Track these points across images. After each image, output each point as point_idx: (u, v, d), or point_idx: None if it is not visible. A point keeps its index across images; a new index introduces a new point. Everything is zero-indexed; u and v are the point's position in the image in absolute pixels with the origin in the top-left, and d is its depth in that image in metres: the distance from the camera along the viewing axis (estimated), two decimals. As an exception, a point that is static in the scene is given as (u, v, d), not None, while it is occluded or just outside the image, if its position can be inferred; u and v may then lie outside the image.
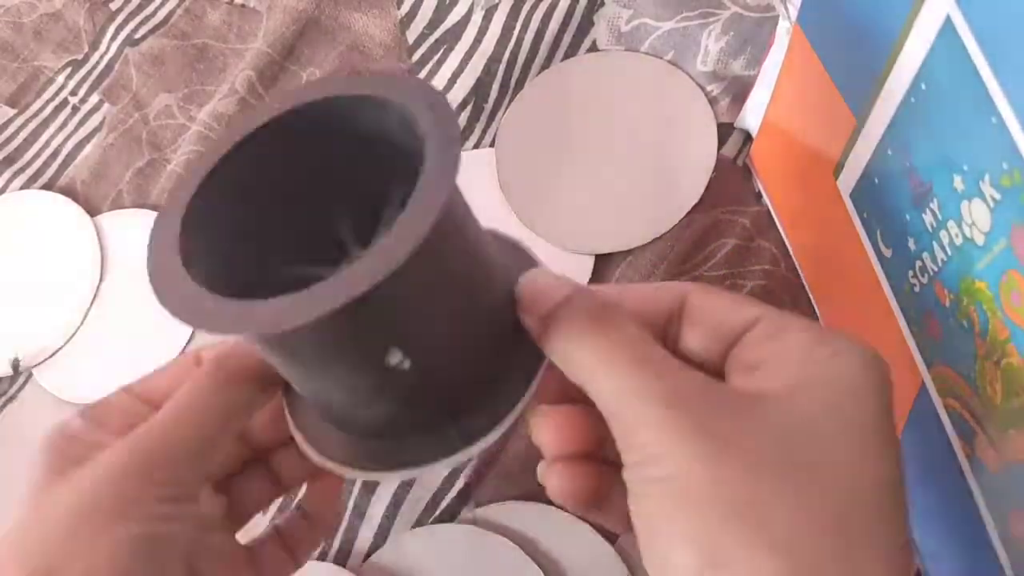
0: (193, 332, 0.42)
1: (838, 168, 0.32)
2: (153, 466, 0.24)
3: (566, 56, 0.46)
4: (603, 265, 0.42)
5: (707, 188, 0.42)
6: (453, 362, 0.23)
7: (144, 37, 0.49)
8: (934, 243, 0.27)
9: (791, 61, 0.36)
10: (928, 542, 0.35)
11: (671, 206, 0.42)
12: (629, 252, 0.42)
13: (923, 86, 0.25)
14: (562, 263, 0.42)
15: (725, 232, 0.42)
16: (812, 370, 0.23)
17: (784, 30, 0.36)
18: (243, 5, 0.49)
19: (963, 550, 0.31)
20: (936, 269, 0.27)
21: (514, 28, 0.45)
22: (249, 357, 0.26)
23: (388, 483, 0.38)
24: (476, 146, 0.45)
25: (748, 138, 0.43)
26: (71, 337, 0.44)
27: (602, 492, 0.25)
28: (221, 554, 0.28)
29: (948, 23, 0.23)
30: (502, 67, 0.45)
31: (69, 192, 0.46)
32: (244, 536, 0.29)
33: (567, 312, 0.23)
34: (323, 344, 0.20)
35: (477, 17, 0.46)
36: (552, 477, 0.25)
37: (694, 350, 0.25)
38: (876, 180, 0.30)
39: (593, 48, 0.46)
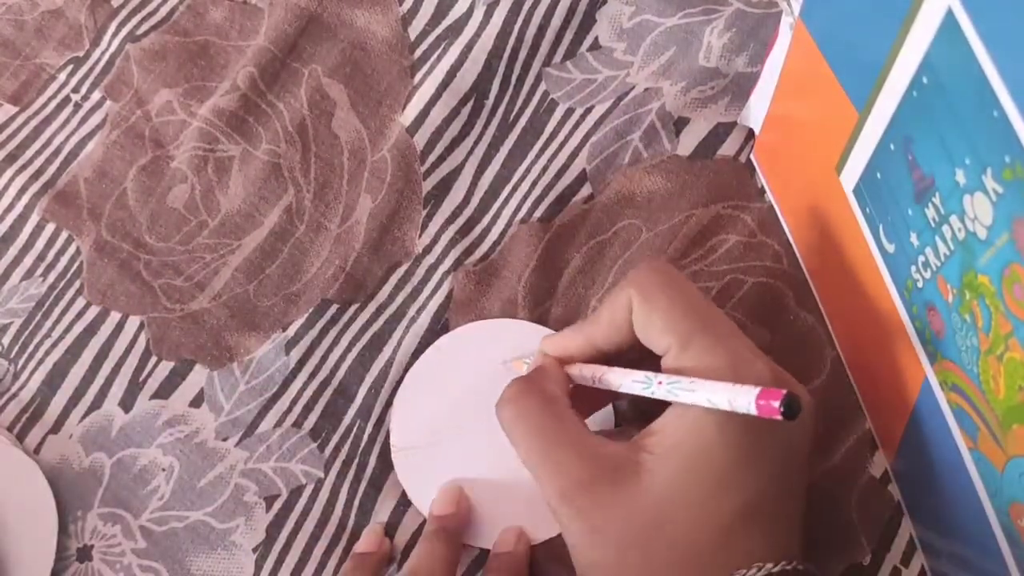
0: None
1: (840, 163, 0.32)
2: None
3: (568, 53, 0.46)
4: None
5: (707, 186, 0.42)
6: None
7: (146, 33, 0.49)
8: (936, 238, 0.27)
9: (794, 56, 0.35)
10: (930, 536, 0.35)
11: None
12: (627, 248, 0.42)
13: (925, 80, 0.25)
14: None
15: (727, 228, 0.41)
16: (679, 437, 0.29)
17: (787, 25, 0.36)
18: (245, 2, 0.49)
19: (965, 544, 0.31)
20: (939, 264, 0.27)
21: (515, 23, 0.45)
22: None
23: None
24: (476, 143, 0.45)
25: (751, 135, 0.43)
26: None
27: None
28: None
29: (950, 16, 0.23)
30: (503, 63, 0.45)
31: (72, 191, 0.46)
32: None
33: (503, 398, 0.32)
34: None
35: (479, 12, 0.46)
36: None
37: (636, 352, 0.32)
38: (878, 175, 0.30)
39: (596, 45, 0.46)
